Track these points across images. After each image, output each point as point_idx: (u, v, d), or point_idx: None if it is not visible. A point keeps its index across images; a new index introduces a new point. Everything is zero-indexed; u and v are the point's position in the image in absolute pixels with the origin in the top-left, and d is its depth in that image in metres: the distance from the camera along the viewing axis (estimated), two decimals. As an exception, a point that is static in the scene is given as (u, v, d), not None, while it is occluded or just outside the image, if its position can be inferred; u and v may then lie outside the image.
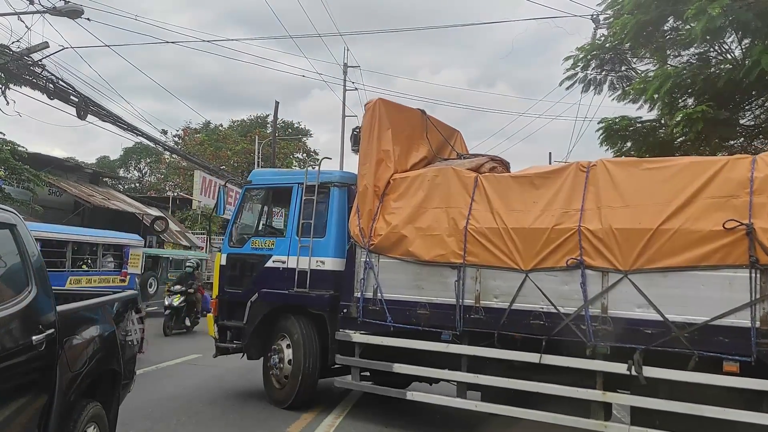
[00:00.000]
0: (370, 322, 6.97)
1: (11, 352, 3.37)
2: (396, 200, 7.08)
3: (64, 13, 13.41)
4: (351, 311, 7.13)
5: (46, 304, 3.76)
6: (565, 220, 5.91)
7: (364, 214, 7.15)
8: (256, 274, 8.13)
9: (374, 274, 6.99)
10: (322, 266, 7.55)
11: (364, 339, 7.04)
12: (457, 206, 6.59)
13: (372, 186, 7.17)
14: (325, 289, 7.50)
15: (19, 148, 17.58)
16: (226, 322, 8.37)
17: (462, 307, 6.33)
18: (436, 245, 6.56)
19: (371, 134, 7.33)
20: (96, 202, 22.30)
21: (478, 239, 6.32)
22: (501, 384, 6.13)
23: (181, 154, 35.75)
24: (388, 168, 7.27)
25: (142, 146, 40.30)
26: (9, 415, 3.29)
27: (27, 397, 3.49)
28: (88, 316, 4.46)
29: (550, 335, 5.82)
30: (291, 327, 7.69)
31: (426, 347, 6.56)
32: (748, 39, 9.30)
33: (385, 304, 6.85)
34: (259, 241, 8.28)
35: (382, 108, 7.42)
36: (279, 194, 8.56)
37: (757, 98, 10.34)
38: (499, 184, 6.54)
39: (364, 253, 7.06)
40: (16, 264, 3.69)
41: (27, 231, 3.89)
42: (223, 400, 8.11)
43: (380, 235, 6.96)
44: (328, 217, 7.67)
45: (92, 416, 4.19)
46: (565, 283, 5.84)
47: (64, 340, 3.87)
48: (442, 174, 6.89)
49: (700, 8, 8.04)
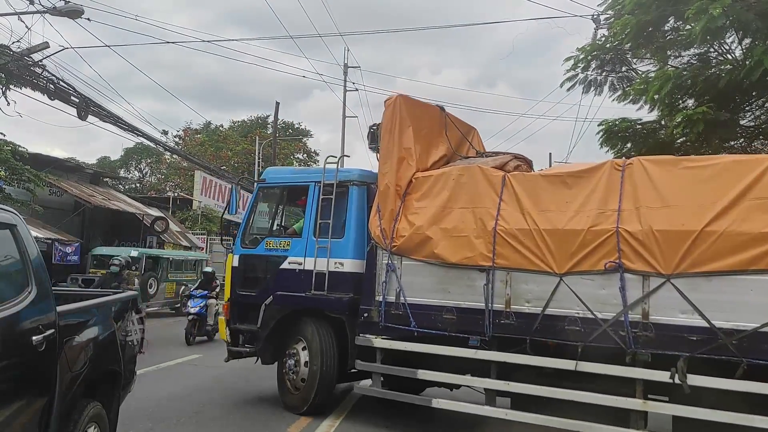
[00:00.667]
0: (393, 327, 6.71)
1: (11, 352, 3.37)
2: (419, 200, 6.85)
3: (64, 13, 13.41)
4: (372, 315, 6.89)
5: (46, 304, 3.76)
6: (601, 221, 5.69)
7: (385, 214, 6.91)
8: (271, 275, 7.88)
9: (397, 276, 6.74)
10: (341, 268, 7.30)
11: (387, 344, 6.80)
12: (484, 206, 6.35)
13: (394, 185, 6.93)
14: (343, 292, 7.25)
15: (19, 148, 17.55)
16: (238, 326, 8.10)
17: (491, 311, 6.09)
18: (463, 247, 6.31)
19: (392, 132, 7.08)
20: (96, 202, 22.28)
21: (508, 241, 6.08)
22: (535, 392, 5.88)
23: (182, 154, 35.77)
24: (409, 166, 7.03)
25: (142, 147, 40.27)
26: (9, 415, 3.29)
27: (27, 397, 3.50)
28: (88, 317, 4.45)
29: (586, 342, 5.57)
30: (307, 331, 7.45)
31: (453, 353, 6.32)
32: (749, 39, 9.30)
33: (408, 308, 6.60)
34: (274, 242, 8.01)
35: (403, 104, 7.17)
36: (295, 193, 8.27)
37: (757, 99, 10.33)
38: (528, 183, 6.30)
39: (386, 254, 6.83)
40: (16, 264, 3.69)
41: (27, 231, 3.90)
42: (223, 400, 8.11)
43: (403, 236, 6.73)
44: (347, 217, 7.42)
45: (93, 416, 4.20)
46: (602, 287, 5.61)
47: (65, 340, 3.87)
48: (467, 173, 6.64)
49: (700, 8, 8.04)
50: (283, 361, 7.66)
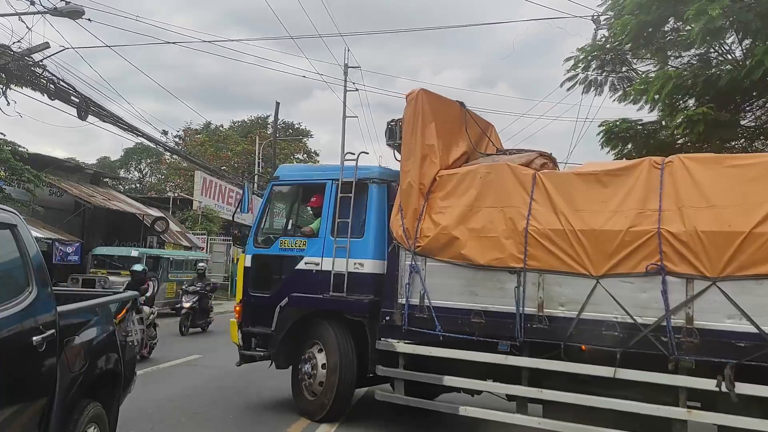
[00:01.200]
0: (417, 331, 6.46)
1: (12, 352, 3.38)
2: (444, 199, 6.57)
3: (65, 13, 13.43)
4: (394, 318, 6.63)
5: (46, 304, 3.76)
6: (641, 222, 5.46)
7: (408, 213, 6.64)
8: (286, 276, 7.60)
9: (421, 278, 6.47)
10: (361, 269, 7.03)
11: (410, 349, 6.54)
12: (514, 205, 6.10)
13: (417, 183, 6.65)
14: (363, 294, 6.99)
15: (19, 148, 17.57)
16: (251, 329, 7.77)
17: (523, 315, 5.85)
18: (493, 248, 6.07)
19: (414, 127, 6.78)
20: (97, 202, 22.28)
21: (541, 242, 5.84)
22: (571, 400, 5.63)
23: (182, 154, 35.79)
24: (433, 164, 6.75)
25: (142, 147, 40.27)
26: (9, 415, 3.30)
27: (27, 397, 3.51)
28: (88, 317, 4.45)
29: (625, 347, 5.36)
30: (325, 334, 7.16)
31: (482, 359, 6.07)
32: (749, 40, 9.30)
33: (433, 311, 6.35)
34: (289, 241, 7.70)
35: (425, 99, 6.86)
36: (310, 191, 7.93)
37: (757, 99, 10.34)
38: (561, 181, 6.07)
39: (409, 255, 6.56)
40: (16, 264, 3.69)
41: (28, 231, 3.90)
42: (223, 400, 8.11)
43: (427, 236, 6.47)
44: (367, 216, 7.15)
45: (93, 417, 4.20)
46: (642, 290, 5.38)
47: (65, 340, 3.88)
48: (495, 170, 6.39)
49: (700, 9, 8.05)
50: (299, 365, 7.38)
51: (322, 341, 7.18)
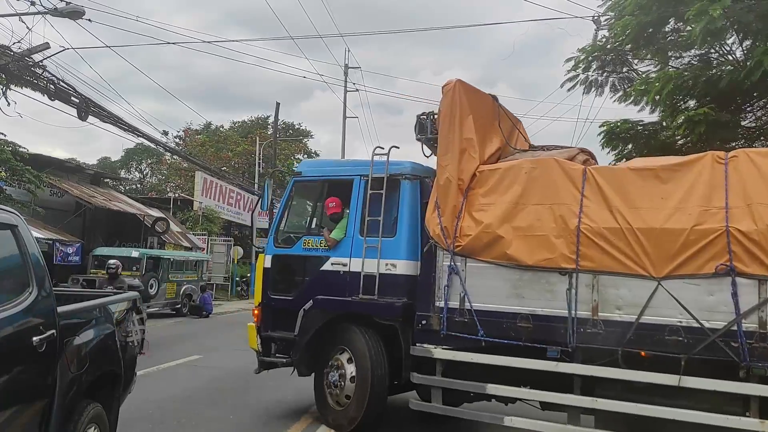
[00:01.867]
0: (456, 336, 6.07)
1: (12, 353, 3.38)
2: (485, 195, 6.21)
3: (65, 14, 13.43)
4: (431, 323, 6.25)
5: (46, 305, 3.76)
6: (706, 220, 5.17)
7: (446, 211, 6.25)
8: (310, 278, 7.20)
9: (461, 280, 6.11)
10: (393, 270, 6.61)
11: (449, 355, 6.14)
12: (564, 202, 5.76)
13: (456, 179, 6.27)
14: (396, 296, 6.57)
15: (20, 149, 17.60)
16: (271, 333, 7.32)
17: (575, 319, 5.53)
18: (541, 247, 5.74)
19: (452, 120, 6.39)
20: (97, 203, 22.30)
21: (595, 241, 5.52)
22: (632, 410, 5.27)
23: (182, 155, 35.82)
24: (472, 159, 6.37)
25: (143, 147, 40.34)
26: (10, 415, 3.30)
27: (27, 398, 3.50)
28: (88, 318, 4.45)
29: (690, 353, 5.04)
30: (354, 339, 6.71)
31: (530, 366, 5.69)
32: (749, 40, 9.31)
33: (475, 314, 5.98)
34: (313, 241, 7.25)
35: (462, 90, 6.47)
36: (336, 188, 7.44)
37: (758, 100, 10.34)
38: (614, 177, 5.74)
39: (448, 255, 6.18)
40: (17, 265, 3.69)
41: (28, 232, 3.90)
42: (223, 401, 8.10)
43: (468, 235, 6.09)
44: (399, 213, 6.76)
45: (93, 417, 4.20)
46: (709, 292, 5.08)
47: (65, 341, 3.87)
48: (541, 166, 6.06)
49: (700, 9, 8.05)
50: (324, 372, 6.94)
51: (350, 347, 6.76)
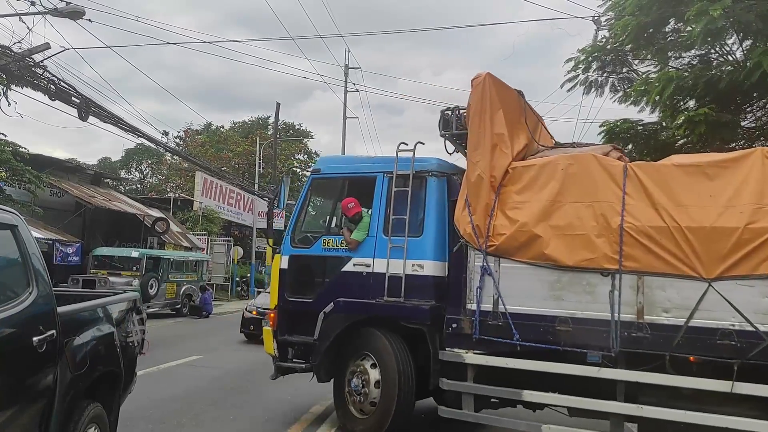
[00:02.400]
0: (489, 340, 5.84)
1: (12, 353, 3.38)
2: (520, 193, 5.99)
3: (66, 14, 13.43)
4: (462, 326, 6.01)
5: (47, 305, 3.77)
6: (760, 218, 4.99)
7: (478, 209, 6.00)
8: (331, 279, 6.92)
9: (494, 281, 5.88)
10: (420, 271, 6.36)
11: (482, 360, 5.91)
12: (605, 200, 5.55)
13: (488, 176, 6.02)
14: (423, 299, 6.33)
15: (20, 149, 17.59)
16: (288, 337, 7.05)
17: (618, 322, 5.31)
18: (582, 247, 5.53)
19: (483, 115, 6.14)
20: (97, 203, 22.30)
21: (640, 240, 5.31)
22: (681, 418, 5.07)
23: (183, 155, 35.81)
24: (504, 154, 6.13)
25: (143, 147, 40.38)
26: (10, 415, 3.30)
27: (28, 398, 3.51)
28: (89, 318, 4.46)
29: (744, 358, 4.86)
30: (378, 344, 6.45)
31: (571, 371, 5.47)
32: (749, 41, 9.31)
33: (509, 318, 5.75)
34: (333, 241, 6.98)
35: (492, 84, 6.23)
36: (357, 185, 7.17)
37: (758, 100, 10.34)
38: (658, 173, 5.51)
39: (480, 256, 5.95)
40: (17, 265, 3.70)
41: (28, 232, 3.90)
42: (223, 401, 8.10)
43: (502, 234, 5.86)
44: (426, 212, 6.51)
45: (93, 417, 4.20)
46: (765, 294, 4.90)
47: (65, 341, 3.87)
48: (578, 162, 5.83)
49: (700, 10, 8.05)
50: (345, 379, 6.67)
51: (374, 353, 6.49)
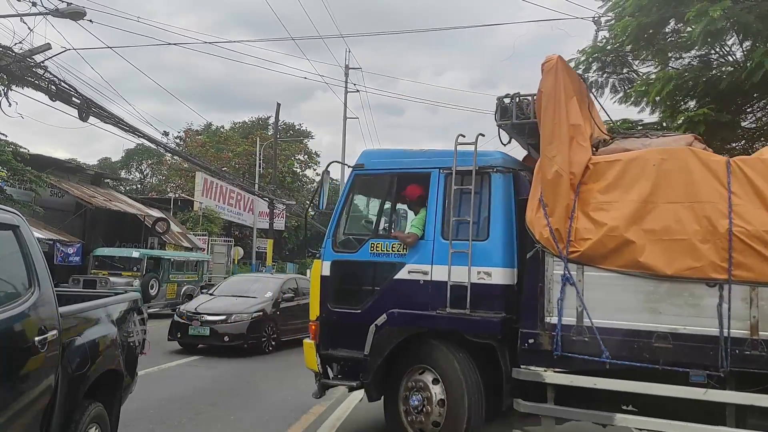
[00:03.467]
0: (573, 358, 5.29)
1: (14, 353, 3.39)
2: (604, 192, 5.39)
3: (66, 15, 13.46)
4: (541, 342, 5.43)
5: (48, 305, 3.78)
6: None
7: (556, 210, 5.41)
8: (382, 288, 6.25)
9: (577, 292, 5.31)
10: (487, 279, 5.73)
11: (565, 379, 5.35)
12: (708, 200, 5.00)
13: (567, 173, 5.41)
14: (491, 310, 5.71)
15: (20, 149, 17.61)
16: (332, 352, 6.41)
17: (729, 339, 4.81)
18: (683, 254, 4.97)
19: (557, 104, 5.54)
20: (98, 203, 22.32)
21: (753, 246, 4.78)
22: None
23: (183, 155, 35.84)
24: (582, 148, 5.53)
25: (143, 148, 40.37)
26: (11, 415, 3.31)
27: (29, 397, 3.51)
28: (90, 318, 4.47)
29: None
30: (442, 360, 5.87)
31: (671, 393, 4.97)
32: (749, 41, 9.31)
33: (597, 333, 5.18)
34: (383, 245, 6.31)
35: (564, 69, 5.70)
36: (407, 183, 6.52)
37: (758, 101, 10.35)
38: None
39: (560, 263, 5.38)
40: (18, 265, 3.71)
41: (30, 232, 3.91)
42: (223, 401, 8.10)
43: (587, 239, 5.29)
44: (492, 213, 5.87)
45: (94, 417, 4.21)
46: None
47: (67, 341, 3.89)
48: (673, 157, 5.25)
49: (700, 10, 8.06)
50: (399, 396, 6.06)
51: (437, 369, 5.91)
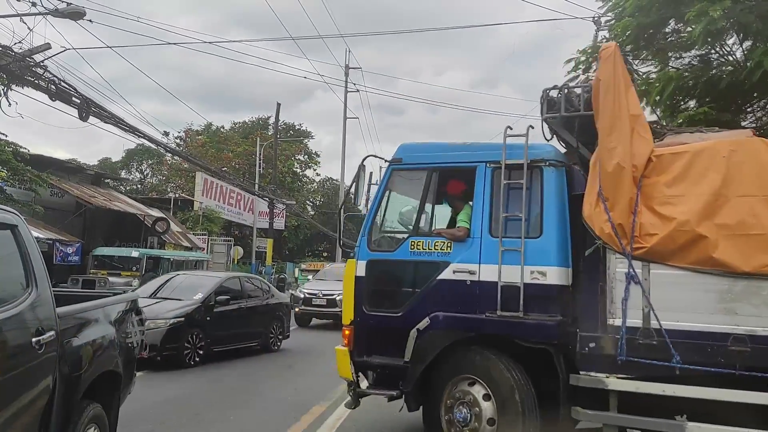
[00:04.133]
0: (639, 363, 4.93)
1: (11, 353, 3.38)
2: (670, 185, 5.11)
3: (66, 14, 13.44)
4: (603, 345, 5.10)
5: (46, 305, 3.76)
6: None
7: (618, 204, 5.11)
8: (424, 289, 5.86)
9: (643, 291, 4.99)
10: (542, 279, 5.39)
11: (630, 386, 4.98)
12: None
13: (629, 165, 5.13)
14: (546, 313, 5.38)
15: (20, 149, 17.61)
16: (368, 359, 6.01)
17: None
18: (761, 250, 4.72)
19: (617, 93, 5.26)
20: (98, 203, 22.32)
21: None
22: None
23: (183, 155, 35.85)
24: (643, 140, 5.25)
25: (144, 148, 40.39)
26: (9, 417, 3.30)
27: (27, 398, 3.50)
28: (88, 318, 4.45)
29: None
30: (489, 367, 5.46)
31: (755, 400, 4.62)
32: (750, 41, 9.30)
33: (666, 335, 4.85)
34: (424, 242, 5.95)
35: (620, 58, 5.42)
36: (450, 178, 6.18)
37: (758, 100, 10.33)
38: None
39: (623, 260, 5.07)
40: (16, 265, 3.69)
41: (28, 232, 3.90)
42: (223, 402, 8.09)
43: (653, 234, 4.99)
44: (545, 208, 5.55)
45: (92, 417, 4.21)
46: None
47: (65, 341, 3.87)
48: (743, 149, 5.02)
49: (701, 10, 8.04)
50: (442, 407, 5.65)
51: (484, 378, 5.49)
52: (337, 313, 16.52)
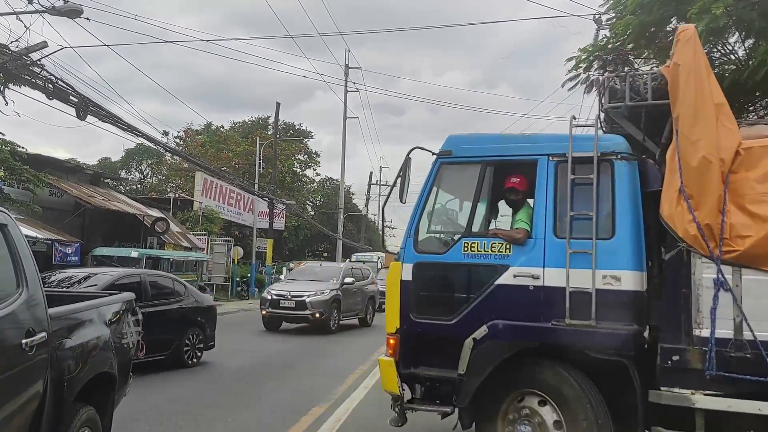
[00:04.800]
0: (731, 378, 4.48)
1: (0, 355, 3.31)
2: (763, 181, 4.62)
3: (63, 12, 13.39)
4: (687, 358, 4.65)
5: (37, 306, 3.70)
6: None
7: (704, 202, 4.63)
8: (480, 295, 5.33)
9: (735, 299, 4.53)
10: (615, 285, 4.89)
11: (723, 404, 4.51)
12: None
13: (717, 159, 4.62)
14: (620, 321, 4.87)
15: (18, 148, 17.55)
16: (416, 371, 5.50)
17: None
18: None
19: (699, 78, 4.76)
20: (96, 203, 22.25)
21: None
22: None
23: (183, 155, 35.80)
24: (729, 131, 4.74)
25: (143, 148, 40.35)
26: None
27: (17, 402, 3.43)
28: (81, 319, 4.38)
29: None
30: (557, 381, 4.99)
31: None
32: (752, 39, 9.25)
33: (762, 347, 4.39)
34: (479, 244, 5.43)
35: (698, 40, 4.94)
36: (508, 171, 5.63)
37: (761, 99, 10.28)
38: None
39: (710, 265, 4.61)
40: (6, 265, 3.63)
41: (19, 231, 3.83)
42: (222, 402, 8.03)
43: (746, 236, 4.51)
44: (617, 206, 5.03)
45: (86, 421, 4.15)
46: None
47: (57, 343, 3.81)
48: None
49: (702, 8, 7.99)
50: (498, 422, 5.20)
51: (549, 392, 5.05)
52: (306, 317, 16.16)
